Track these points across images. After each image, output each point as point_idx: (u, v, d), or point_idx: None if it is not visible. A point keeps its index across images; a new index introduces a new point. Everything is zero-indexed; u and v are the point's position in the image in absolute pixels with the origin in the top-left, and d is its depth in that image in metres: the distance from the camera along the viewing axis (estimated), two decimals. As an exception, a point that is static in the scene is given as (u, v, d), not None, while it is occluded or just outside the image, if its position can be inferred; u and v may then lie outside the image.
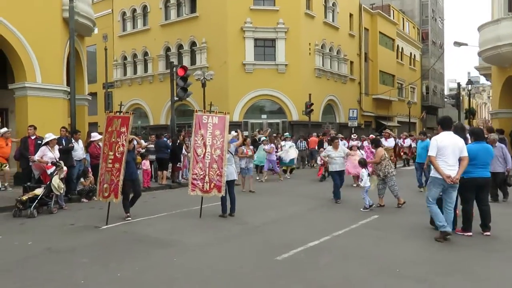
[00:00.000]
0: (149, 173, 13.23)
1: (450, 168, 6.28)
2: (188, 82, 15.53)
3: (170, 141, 14.46)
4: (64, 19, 13.51)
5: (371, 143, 11.96)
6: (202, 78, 20.73)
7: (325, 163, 14.70)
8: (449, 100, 57.40)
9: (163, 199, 11.22)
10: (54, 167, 9.21)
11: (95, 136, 11.44)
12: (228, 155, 8.69)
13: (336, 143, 10.52)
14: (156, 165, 13.90)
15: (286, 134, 18.54)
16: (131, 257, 5.83)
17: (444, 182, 6.29)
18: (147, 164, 12.93)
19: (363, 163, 9.65)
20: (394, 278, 4.94)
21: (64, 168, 9.42)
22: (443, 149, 6.32)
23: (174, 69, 15.72)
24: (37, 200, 8.67)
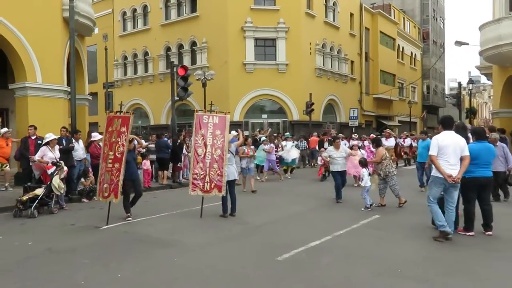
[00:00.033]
0: (150, 173, 13.21)
1: (452, 167, 6.26)
2: (189, 82, 15.51)
3: (171, 141, 14.44)
4: (64, 18, 13.50)
5: (371, 142, 11.92)
6: (202, 77, 20.70)
7: (326, 163, 14.72)
8: (450, 99, 57.36)
9: (163, 199, 11.20)
10: (54, 167, 9.19)
11: (96, 136, 11.43)
12: (228, 155, 8.66)
13: (337, 143, 10.49)
14: (157, 165, 13.89)
15: (287, 134, 18.52)
16: (131, 257, 5.82)
17: (445, 181, 6.27)
18: (147, 164, 12.92)
19: (363, 163, 9.63)
20: (395, 278, 4.92)
21: (64, 168, 9.41)
22: (444, 148, 6.30)
23: (175, 69, 15.70)
24: (37, 200, 8.65)
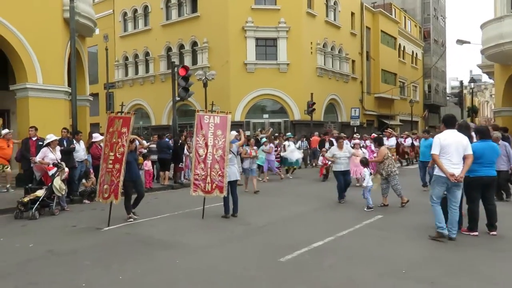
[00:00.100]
0: (151, 173, 13.18)
1: (454, 166, 6.21)
2: (190, 82, 15.47)
3: (172, 142, 14.39)
4: (65, 19, 13.47)
5: (373, 141, 11.85)
6: (203, 78, 20.67)
7: (326, 163, 14.67)
8: (452, 98, 57.25)
9: (165, 200, 11.16)
10: (55, 169, 9.15)
11: (97, 137, 11.40)
12: (230, 155, 8.63)
13: (340, 143, 10.44)
14: (158, 165, 13.85)
15: (288, 134, 18.47)
16: (133, 259, 5.78)
17: (447, 180, 6.22)
18: (149, 164, 12.88)
19: (365, 163, 9.58)
20: (400, 279, 4.87)
21: (65, 169, 9.38)
22: (447, 147, 6.25)
23: (176, 69, 15.66)
24: (38, 202, 8.61)
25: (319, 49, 27.81)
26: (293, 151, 15.78)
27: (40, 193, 8.76)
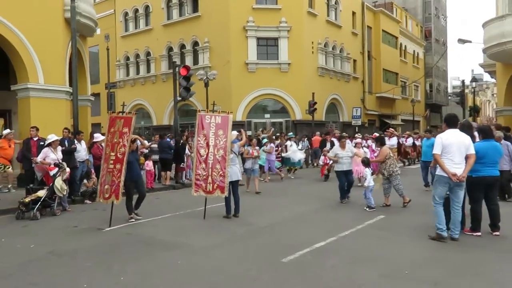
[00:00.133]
0: (153, 173, 13.15)
1: (456, 166, 6.17)
2: (191, 82, 15.45)
3: (173, 142, 14.37)
4: (66, 19, 13.46)
5: (375, 141, 11.80)
6: (204, 77, 20.65)
7: (328, 163, 14.63)
8: (453, 97, 57.14)
9: (166, 200, 11.14)
10: (56, 169, 9.14)
11: (98, 137, 11.38)
12: (232, 155, 8.60)
13: (343, 143, 10.40)
14: (160, 165, 13.83)
15: (290, 134, 18.43)
16: (135, 260, 5.75)
17: (449, 180, 6.18)
18: (150, 164, 12.85)
19: (366, 163, 9.53)
20: (402, 280, 4.85)
21: (66, 169, 9.36)
22: (448, 147, 6.21)
23: (177, 69, 15.65)
24: (40, 202, 8.60)
25: (320, 48, 27.78)
26: (296, 151, 15.75)
27: (42, 193, 8.75)
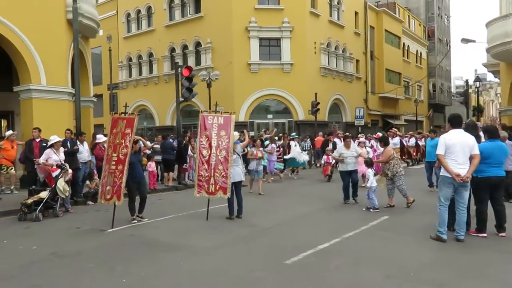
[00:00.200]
0: (155, 174, 13.12)
1: (460, 166, 6.11)
2: (193, 83, 15.41)
3: (176, 142, 14.34)
4: (68, 20, 13.45)
5: (379, 141, 11.73)
6: (207, 78, 20.62)
7: (330, 162, 14.58)
8: (457, 97, 56.94)
9: (169, 201, 11.11)
10: (59, 170, 9.12)
11: (101, 138, 11.36)
12: (234, 156, 8.56)
13: (347, 142, 10.34)
14: (162, 166, 13.80)
15: (293, 134, 18.39)
16: (137, 261, 5.72)
17: (454, 181, 6.12)
18: (152, 165, 12.82)
19: (369, 163, 9.47)
20: (408, 282, 4.79)
21: (69, 170, 9.33)
22: (452, 147, 6.15)
23: (179, 70, 15.61)
24: (42, 204, 8.57)
25: (323, 48, 27.71)
26: (300, 153, 15.66)
27: (44, 194, 8.72)
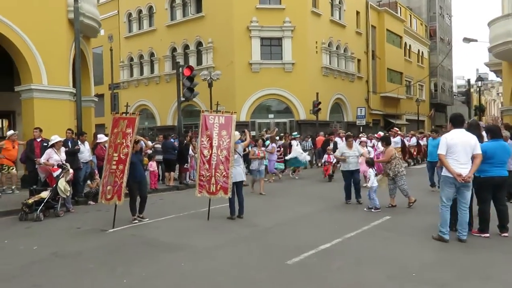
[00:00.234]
0: (156, 174, 13.11)
1: (462, 166, 6.08)
2: (195, 82, 15.39)
3: (177, 142, 14.32)
4: (69, 20, 13.43)
5: (380, 140, 11.70)
6: (208, 78, 20.60)
7: (331, 162, 14.55)
8: (458, 97, 56.81)
9: (170, 201, 11.09)
10: (60, 170, 9.11)
11: (102, 137, 11.36)
12: (235, 156, 8.53)
13: (350, 142, 10.30)
14: (163, 166, 13.78)
15: (294, 134, 18.36)
16: (138, 261, 5.70)
17: (455, 181, 6.09)
18: (154, 165, 12.81)
19: (370, 163, 9.44)
20: (410, 282, 4.76)
21: (70, 170, 9.32)
22: (453, 147, 6.12)
23: (181, 70, 15.60)
24: (43, 203, 8.56)
25: (324, 48, 27.66)
26: (302, 153, 15.63)
27: (45, 194, 8.71)
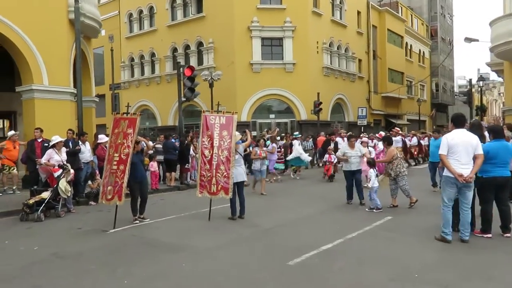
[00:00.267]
0: (157, 174, 13.09)
1: (463, 166, 6.04)
2: (195, 83, 15.37)
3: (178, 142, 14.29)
4: (70, 20, 13.40)
5: (382, 140, 11.66)
6: (209, 78, 20.59)
7: (332, 161, 14.51)
8: (460, 97, 56.70)
9: (171, 201, 11.07)
10: (61, 170, 9.10)
11: (102, 138, 11.33)
12: (236, 156, 8.51)
13: (352, 142, 10.27)
14: (164, 166, 13.76)
15: (296, 134, 18.33)
16: (139, 262, 5.68)
17: (456, 181, 6.06)
18: (155, 165, 12.79)
19: (371, 163, 9.40)
20: (412, 283, 4.73)
21: (71, 171, 9.31)
22: (455, 147, 6.09)
23: (181, 70, 15.57)
24: (44, 204, 8.55)
25: (325, 48, 27.64)
26: (302, 153, 15.60)
27: (46, 195, 8.69)
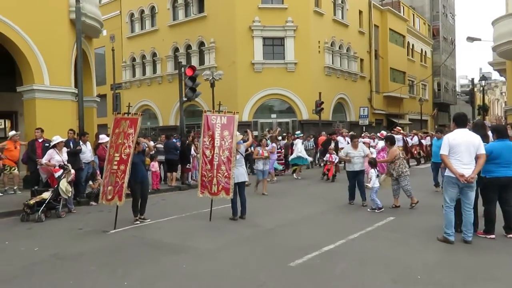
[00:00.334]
0: (158, 175, 13.06)
1: (465, 166, 5.99)
2: (197, 82, 15.34)
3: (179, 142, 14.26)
4: (71, 20, 13.39)
5: (384, 140, 11.60)
6: (210, 78, 20.56)
7: (333, 161, 14.46)
8: (462, 96, 56.54)
9: (172, 201, 11.04)
10: (61, 170, 9.07)
11: (103, 138, 11.30)
12: (238, 156, 8.47)
13: (355, 142, 10.22)
14: (166, 166, 13.73)
15: (297, 133, 18.30)
16: (139, 263, 5.64)
17: (458, 181, 6.01)
18: (155, 165, 12.76)
19: (373, 163, 9.35)
20: (415, 285, 4.68)
21: (72, 171, 9.28)
22: (456, 147, 6.04)
23: (183, 70, 15.54)
24: (44, 204, 8.52)
25: (327, 48, 27.58)
26: (303, 152, 15.55)
27: (46, 195, 8.66)
